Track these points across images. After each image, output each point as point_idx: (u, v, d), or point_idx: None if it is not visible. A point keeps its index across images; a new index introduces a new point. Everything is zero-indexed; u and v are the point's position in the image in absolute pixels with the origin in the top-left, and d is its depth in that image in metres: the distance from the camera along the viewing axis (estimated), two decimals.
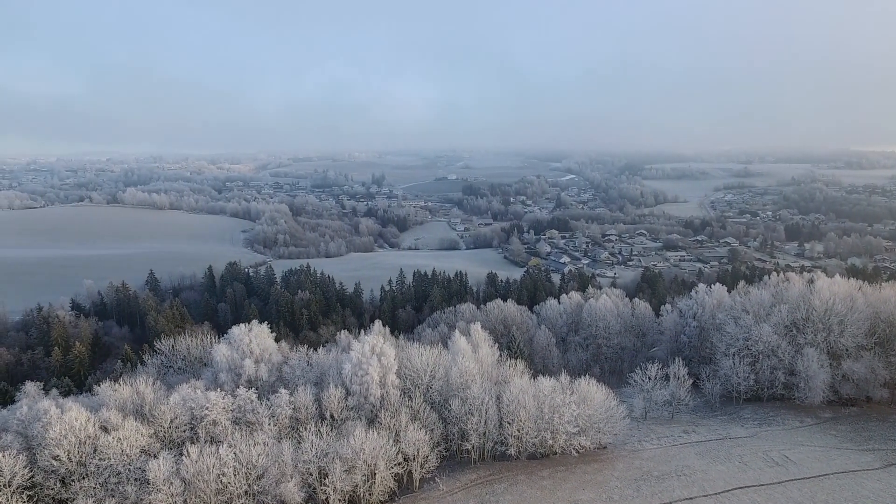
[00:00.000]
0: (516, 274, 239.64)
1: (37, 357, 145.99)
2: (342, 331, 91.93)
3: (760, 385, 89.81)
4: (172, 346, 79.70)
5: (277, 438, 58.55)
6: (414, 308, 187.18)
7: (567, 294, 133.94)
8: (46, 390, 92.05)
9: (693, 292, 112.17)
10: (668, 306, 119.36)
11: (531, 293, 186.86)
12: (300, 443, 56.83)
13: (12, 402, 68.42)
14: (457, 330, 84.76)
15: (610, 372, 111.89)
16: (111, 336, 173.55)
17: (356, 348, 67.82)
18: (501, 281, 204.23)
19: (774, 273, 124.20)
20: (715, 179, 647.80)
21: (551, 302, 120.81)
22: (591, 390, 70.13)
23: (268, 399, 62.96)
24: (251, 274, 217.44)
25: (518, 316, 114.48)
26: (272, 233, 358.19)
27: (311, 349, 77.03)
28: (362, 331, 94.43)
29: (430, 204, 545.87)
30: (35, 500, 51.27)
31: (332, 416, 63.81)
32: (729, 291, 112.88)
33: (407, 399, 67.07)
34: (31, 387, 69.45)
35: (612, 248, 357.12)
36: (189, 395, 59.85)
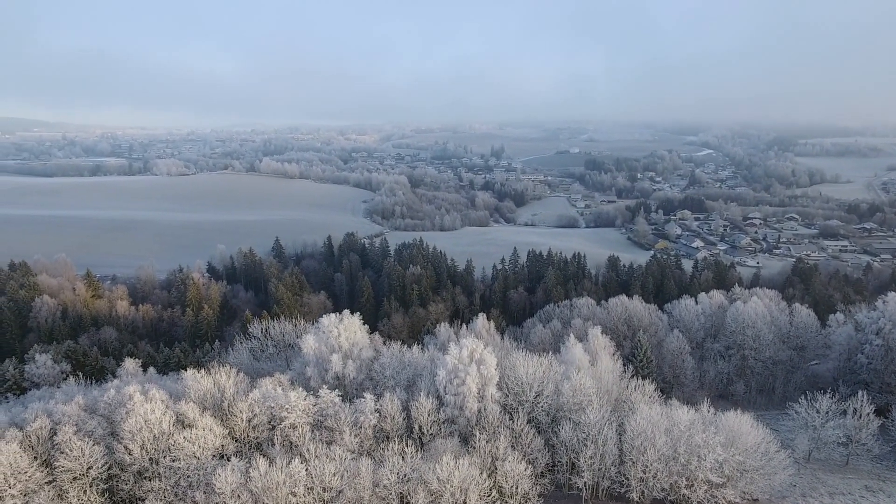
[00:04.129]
0: (641, 258, 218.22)
1: (175, 315, 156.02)
2: (442, 323, 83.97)
3: None
4: (265, 331, 76.88)
5: (358, 452, 51.84)
6: (526, 290, 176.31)
7: (705, 291, 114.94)
8: (162, 361, 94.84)
9: (880, 301, 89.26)
10: (839, 315, 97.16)
11: (658, 281, 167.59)
12: (381, 461, 49.60)
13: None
14: (572, 334, 72.75)
15: (758, 391, 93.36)
16: (238, 299, 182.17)
17: (453, 352, 58.93)
18: (624, 265, 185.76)
19: None
20: (889, 157, 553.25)
21: (687, 302, 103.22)
22: (744, 428, 55.25)
23: (352, 403, 56.49)
24: (367, 245, 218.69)
25: (646, 316, 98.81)
26: (390, 204, 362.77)
27: (405, 346, 69.66)
28: (464, 325, 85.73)
29: (549, 178, 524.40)
30: (110, 493, 49.20)
31: (420, 429, 55.92)
32: None
33: (507, 418, 57.20)
34: (129, 364, 69.46)
35: (755, 233, 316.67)
36: (269, 392, 55.02)
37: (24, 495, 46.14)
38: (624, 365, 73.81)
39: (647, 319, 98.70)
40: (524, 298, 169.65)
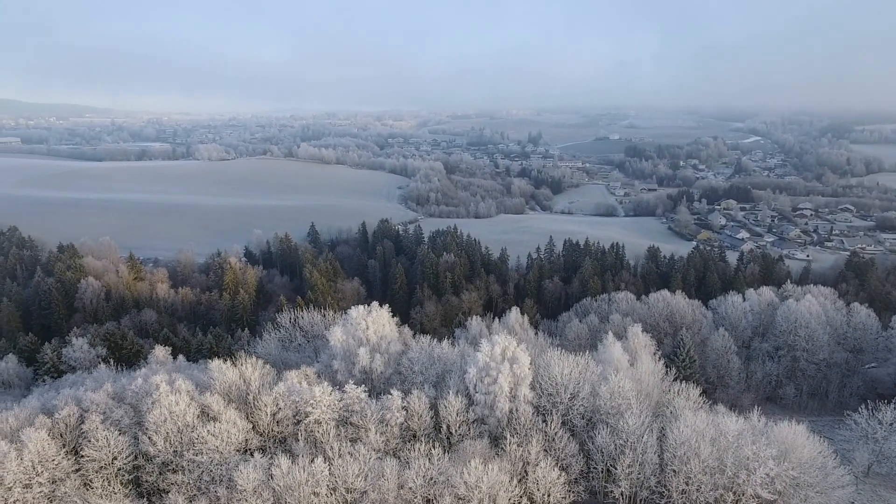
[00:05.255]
0: (682, 249, 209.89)
1: (212, 299, 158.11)
2: (474, 316, 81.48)
3: None
4: (294, 321, 75.95)
5: (383, 451, 50.10)
6: (562, 280, 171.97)
7: (751, 285, 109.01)
8: (195, 347, 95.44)
9: None
10: None
11: (700, 274, 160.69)
12: (407, 462, 47.70)
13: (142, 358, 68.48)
14: (610, 332, 69.12)
15: (809, 395, 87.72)
16: (273, 284, 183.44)
17: (484, 349, 56.38)
18: (664, 257, 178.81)
19: None
20: None
21: (733, 298, 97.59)
22: (798, 440, 51.05)
23: (378, 399, 54.72)
24: (401, 232, 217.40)
25: (689, 313, 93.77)
26: (425, 190, 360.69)
27: (435, 338, 67.48)
28: (496, 319, 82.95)
29: (587, 165, 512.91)
30: (135, 484, 48.88)
31: (448, 429, 53.77)
32: None
33: (540, 420, 54.42)
34: (159, 351, 69.49)
35: (806, 224, 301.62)
36: (295, 386, 53.74)
37: (52, 483, 46.14)
38: (666, 365, 69.81)
39: (691, 316, 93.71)
40: (559, 289, 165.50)
